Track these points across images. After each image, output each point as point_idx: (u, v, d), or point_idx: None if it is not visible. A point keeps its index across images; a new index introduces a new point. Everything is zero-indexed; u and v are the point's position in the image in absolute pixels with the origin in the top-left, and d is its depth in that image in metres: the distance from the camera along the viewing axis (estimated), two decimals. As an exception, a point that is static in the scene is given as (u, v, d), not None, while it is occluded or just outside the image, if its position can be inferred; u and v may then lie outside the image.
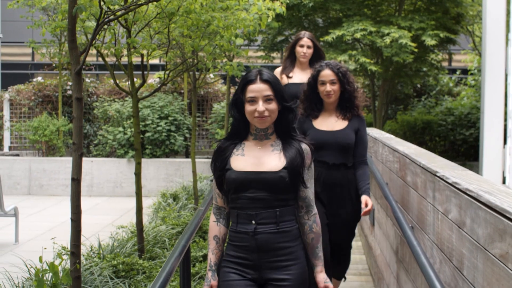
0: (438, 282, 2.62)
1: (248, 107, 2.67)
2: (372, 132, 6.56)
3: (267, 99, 2.65)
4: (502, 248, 2.05)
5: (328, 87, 4.01)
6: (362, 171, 4.07)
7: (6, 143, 13.63)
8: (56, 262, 4.26)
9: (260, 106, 2.64)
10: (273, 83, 2.68)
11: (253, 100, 2.66)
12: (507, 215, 2.00)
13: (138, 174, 5.72)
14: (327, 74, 4.03)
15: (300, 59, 5.41)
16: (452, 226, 2.74)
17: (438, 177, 3.00)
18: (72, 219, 3.84)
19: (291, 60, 5.51)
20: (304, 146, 2.74)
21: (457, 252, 2.65)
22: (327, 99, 4.06)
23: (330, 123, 4.09)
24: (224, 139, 2.81)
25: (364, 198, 3.99)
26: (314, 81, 4.12)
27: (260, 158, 2.70)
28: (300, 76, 5.33)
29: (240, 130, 2.77)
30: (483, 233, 2.27)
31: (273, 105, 2.67)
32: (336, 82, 4.02)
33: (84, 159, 3.96)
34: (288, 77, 5.44)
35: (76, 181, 3.84)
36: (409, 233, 3.35)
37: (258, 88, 2.66)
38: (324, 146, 4.00)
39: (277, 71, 5.58)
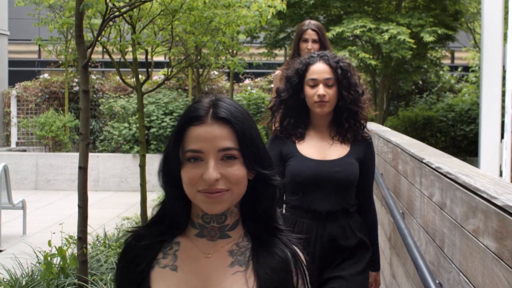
0: (421, 260, 2.82)
1: (188, 171, 1.34)
2: (370, 125, 6.74)
3: (225, 156, 1.34)
4: (474, 223, 2.23)
5: (321, 90, 2.64)
6: (370, 222, 2.87)
7: (14, 138, 13.89)
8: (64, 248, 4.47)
9: (211, 170, 1.31)
10: (238, 125, 1.35)
11: (198, 158, 1.34)
12: (479, 193, 2.19)
13: (142, 166, 5.91)
14: (320, 69, 2.67)
15: None
16: (435, 208, 2.92)
17: (424, 163, 3.18)
18: (79, 206, 4.05)
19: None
20: (297, 252, 1.45)
21: (439, 232, 2.83)
22: (319, 109, 2.68)
23: (322, 147, 2.74)
24: (141, 229, 1.47)
25: (372, 276, 2.90)
26: (300, 80, 2.71)
27: (206, 279, 1.39)
28: None
29: (172, 216, 1.43)
30: (460, 211, 2.45)
31: (238, 170, 1.34)
32: (334, 83, 2.67)
33: (89, 154, 4.16)
34: None
35: (83, 169, 4.05)
36: (398, 217, 3.53)
37: (207, 134, 1.33)
38: (315, 185, 2.66)
39: (277, 74, 4.55)
